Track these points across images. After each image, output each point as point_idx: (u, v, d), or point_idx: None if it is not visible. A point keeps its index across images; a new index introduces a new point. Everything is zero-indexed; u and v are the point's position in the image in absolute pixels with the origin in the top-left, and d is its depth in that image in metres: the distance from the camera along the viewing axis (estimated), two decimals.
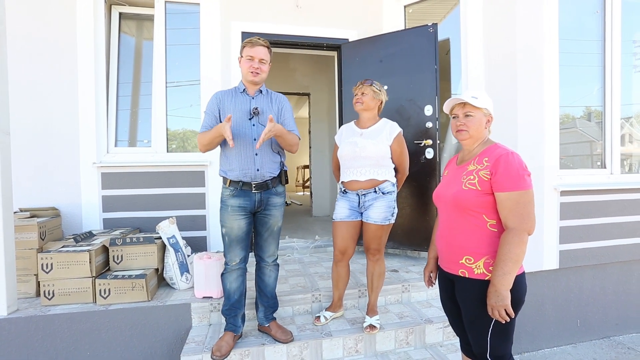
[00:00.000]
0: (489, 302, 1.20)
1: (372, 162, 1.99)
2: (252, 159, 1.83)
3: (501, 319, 1.19)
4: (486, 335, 1.28)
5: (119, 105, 3.05)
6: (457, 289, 1.35)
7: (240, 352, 1.88)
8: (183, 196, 2.96)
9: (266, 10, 3.13)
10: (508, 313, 1.18)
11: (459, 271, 1.32)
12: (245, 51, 1.85)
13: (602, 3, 2.92)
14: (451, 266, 1.35)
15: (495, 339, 1.28)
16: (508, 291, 1.17)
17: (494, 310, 1.19)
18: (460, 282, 1.32)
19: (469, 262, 1.29)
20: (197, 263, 2.22)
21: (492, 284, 1.20)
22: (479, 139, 1.37)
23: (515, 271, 1.18)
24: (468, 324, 1.34)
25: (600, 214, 2.81)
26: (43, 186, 2.72)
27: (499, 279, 1.17)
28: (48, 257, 2.09)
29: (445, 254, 1.38)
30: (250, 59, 1.83)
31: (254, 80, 1.86)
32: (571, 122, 3.06)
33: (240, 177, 1.82)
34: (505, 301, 1.17)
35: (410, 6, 3.29)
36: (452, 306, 1.46)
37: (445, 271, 1.40)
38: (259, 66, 1.84)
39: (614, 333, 2.93)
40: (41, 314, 2.01)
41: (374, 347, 2.05)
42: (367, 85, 2.02)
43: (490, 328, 1.27)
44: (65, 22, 2.75)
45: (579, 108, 3.04)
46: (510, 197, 1.20)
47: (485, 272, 1.25)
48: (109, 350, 2.06)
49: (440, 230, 1.42)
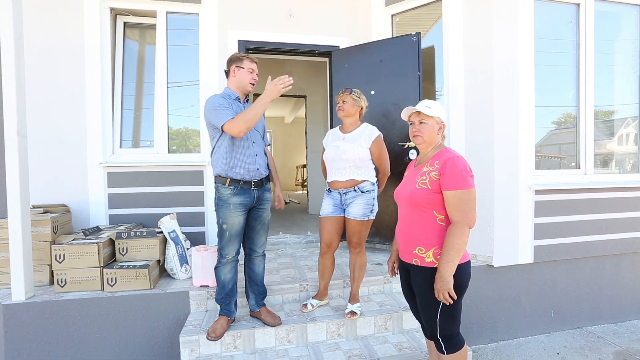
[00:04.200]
0: (435, 286, 1.39)
1: (351, 164, 2.19)
2: (253, 159, 2.05)
3: (445, 301, 1.38)
4: (435, 317, 1.48)
5: (124, 106, 3.27)
6: (412, 276, 1.55)
7: (232, 334, 2.09)
8: (183, 194, 3.17)
9: (261, 20, 3.34)
10: (451, 295, 1.37)
11: (413, 260, 1.51)
12: (247, 64, 2.07)
13: (576, 13, 3.10)
14: (407, 256, 1.55)
15: (444, 320, 1.48)
16: (451, 277, 1.37)
17: (439, 293, 1.38)
18: (414, 270, 1.53)
19: (421, 252, 1.48)
20: (195, 255, 2.44)
21: (438, 271, 1.40)
22: (432, 143, 1.56)
23: (457, 259, 1.38)
24: (421, 308, 1.54)
25: (574, 211, 2.99)
26: (54, 185, 2.95)
27: (444, 266, 1.37)
28: (61, 249, 2.32)
29: (402, 245, 1.58)
30: (251, 72, 2.08)
31: (251, 90, 2.10)
32: (572, 122, 3.20)
33: (244, 175, 2.02)
34: (448, 285, 1.36)
35: (398, 15, 3.47)
36: (409, 293, 1.65)
37: (403, 261, 1.60)
38: (256, 78, 2.11)
39: (587, 323, 3.11)
40: (55, 299, 2.24)
41: (354, 331, 2.26)
42: (347, 94, 2.22)
43: (439, 310, 1.46)
44: (73, 34, 2.97)
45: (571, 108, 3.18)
46: (454, 195, 1.40)
47: (434, 261, 1.45)
48: (116, 332, 2.28)
49: (399, 224, 1.62)
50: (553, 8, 3.05)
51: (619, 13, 3.27)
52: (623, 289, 3.19)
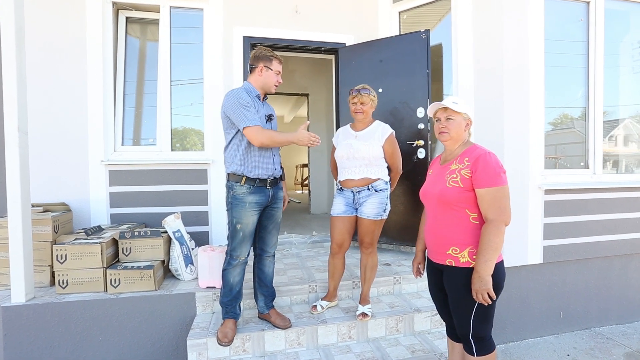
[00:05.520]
0: (474, 287, 1.34)
1: (365, 162, 2.14)
2: (271, 159, 2.01)
3: (484, 302, 1.33)
4: (469, 318, 1.43)
5: (126, 104, 3.19)
6: (445, 277, 1.50)
7: (241, 337, 2.03)
8: (186, 193, 3.11)
9: (267, 16, 3.28)
10: (490, 296, 1.33)
11: (446, 261, 1.46)
12: (275, 65, 2.02)
13: (586, 12, 3.07)
14: (439, 257, 1.50)
15: (477, 322, 1.43)
16: (490, 276, 1.33)
17: (478, 294, 1.33)
18: (448, 271, 1.47)
19: (455, 252, 1.44)
20: (202, 255, 2.37)
21: (475, 271, 1.35)
22: (459, 140, 1.52)
23: (495, 258, 1.33)
24: (454, 308, 1.49)
25: (583, 211, 2.97)
26: (54, 183, 2.87)
27: (482, 265, 1.32)
28: (62, 249, 2.24)
29: (433, 246, 1.53)
30: (278, 74, 2.04)
31: (273, 91, 2.07)
32: (569, 122, 3.19)
33: (261, 175, 1.97)
34: (487, 285, 1.32)
35: (405, 12, 3.43)
36: (439, 294, 1.60)
37: (435, 262, 1.55)
38: (281, 81, 2.08)
39: (595, 324, 3.09)
40: (56, 301, 2.16)
41: (366, 333, 2.21)
42: (365, 95, 2.16)
43: (474, 311, 1.42)
44: (75, 29, 2.89)
45: (577, 109, 3.16)
46: (488, 192, 1.36)
47: (469, 261, 1.41)
48: (119, 335, 2.21)
49: (428, 225, 1.57)
50: (562, 6, 3.02)
51: (628, 11, 3.25)
52: (631, 290, 3.18)
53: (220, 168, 3.11)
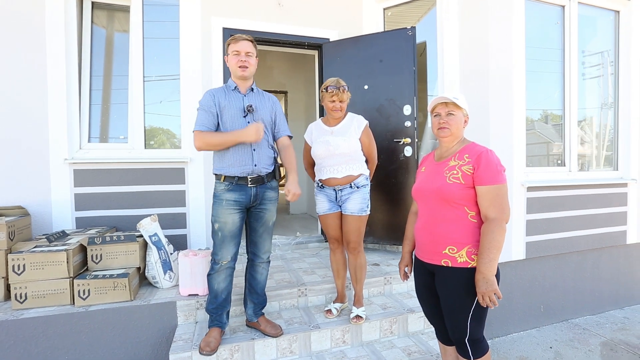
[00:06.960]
0: (479, 289, 1.27)
1: (346, 158, 2.07)
2: (249, 154, 1.85)
3: (491, 304, 1.26)
4: (466, 320, 1.37)
5: (93, 100, 2.91)
6: (438, 279, 1.43)
7: (229, 347, 1.88)
8: (162, 194, 2.88)
9: (248, 7, 3.12)
10: (498, 296, 1.26)
11: (441, 261, 1.39)
12: (231, 47, 1.87)
13: (561, 16, 3.19)
14: (433, 257, 1.42)
15: (474, 324, 1.37)
16: (494, 277, 1.27)
17: (485, 297, 1.26)
18: (442, 272, 1.40)
19: (452, 251, 1.37)
20: (183, 260, 2.19)
21: (479, 272, 1.28)
22: (458, 137, 1.47)
23: (498, 257, 1.28)
24: (449, 312, 1.41)
25: (561, 207, 3.07)
26: (8, 183, 2.55)
27: (486, 265, 1.26)
28: (20, 258, 1.98)
29: (427, 246, 1.45)
30: (237, 54, 1.86)
31: (244, 74, 1.88)
32: (529, 124, 3.27)
33: (237, 172, 1.83)
34: (494, 286, 1.26)
35: (389, 9, 3.40)
36: (429, 296, 1.53)
37: (426, 263, 1.47)
38: (246, 59, 1.87)
39: (572, 316, 3.21)
40: (12, 318, 1.90)
41: (360, 337, 2.12)
42: (342, 92, 2.05)
43: (470, 313, 1.36)
44: (33, 11, 2.59)
45: (537, 111, 3.28)
46: (489, 190, 1.32)
47: (467, 260, 1.35)
48: (90, 352, 1.98)
49: (422, 223, 1.50)
50: (541, 8, 3.11)
51: (596, 17, 3.41)
52: (602, 281, 3.33)
53: (198, 166, 2.92)
